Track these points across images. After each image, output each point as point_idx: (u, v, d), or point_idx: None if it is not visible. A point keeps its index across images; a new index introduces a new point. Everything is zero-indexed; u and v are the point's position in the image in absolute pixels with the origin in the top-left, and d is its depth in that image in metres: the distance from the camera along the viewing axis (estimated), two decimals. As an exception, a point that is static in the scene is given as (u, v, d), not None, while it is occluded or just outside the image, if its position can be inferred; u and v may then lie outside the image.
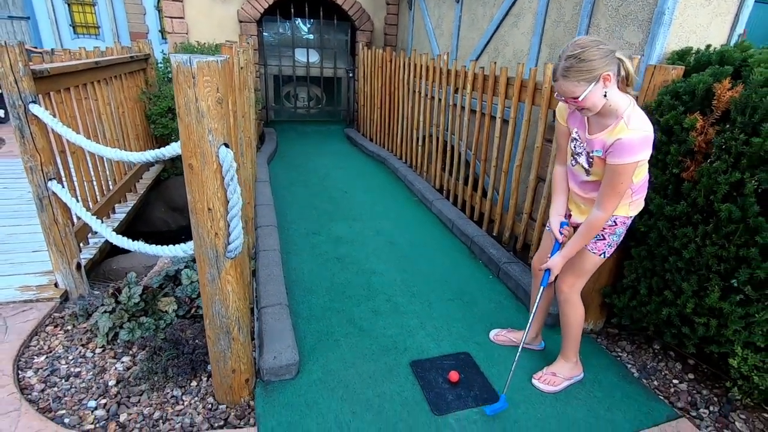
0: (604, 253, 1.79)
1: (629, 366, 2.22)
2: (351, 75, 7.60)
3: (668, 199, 1.89)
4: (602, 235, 1.76)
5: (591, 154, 1.62)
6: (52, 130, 2.19)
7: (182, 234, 4.40)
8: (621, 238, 1.79)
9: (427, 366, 2.11)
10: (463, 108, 3.87)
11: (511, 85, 3.11)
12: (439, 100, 4.28)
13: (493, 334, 2.33)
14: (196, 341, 2.11)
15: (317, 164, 5.47)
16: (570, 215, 1.87)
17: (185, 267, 2.53)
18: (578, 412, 1.89)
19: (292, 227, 3.58)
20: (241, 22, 6.40)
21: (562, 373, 2.01)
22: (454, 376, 2.00)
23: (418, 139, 4.87)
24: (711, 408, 1.99)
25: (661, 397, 2.03)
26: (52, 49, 10.77)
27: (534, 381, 2.03)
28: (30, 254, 2.75)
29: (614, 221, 1.73)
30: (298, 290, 2.68)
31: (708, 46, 2.08)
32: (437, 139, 4.41)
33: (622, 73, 1.51)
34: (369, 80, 6.33)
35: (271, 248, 2.97)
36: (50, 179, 2.26)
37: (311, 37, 7.46)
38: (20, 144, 2.16)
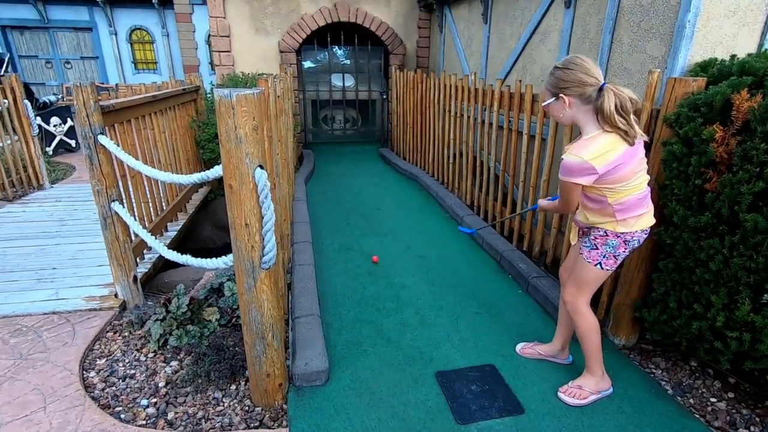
0: (600, 264, 1.80)
1: (663, 383, 2.16)
2: (385, 97, 7.85)
3: (692, 211, 1.87)
4: (594, 244, 1.80)
5: None
6: (116, 157, 2.49)
7: (226, 250, 4.69)
8: (619, 252, 1.78)
9: (453, 377, 2.16)
10: (491, 125, 3.94)
11: (536, 101, 3.16)
12: (469, 117, 4.38)
13: (519, 347, 2.35)
14: (236, 348, 2.28)
15: (352, 183, 5.68)
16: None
17: (228, 280, 2.74)
18: (605, 427, 1.87)
19: (326, 242, 3.75)
20: (281, 52, 6.83)
21: (588, 387, 2.00)
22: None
23: (449, 156, 4.97)
24: (752, 428, 1.90)
25: (697, 416, 1.96)
26: (116, 85, 11.90)
27: (560, 394, 2.02)
28: (95, 268, 3.07)
29: (605, 232, 1.76)
30: (330, 302, 2.82)
31: (732, 57, 2.07)
32: (467, 155, 4.49)
33: (608, 104, 1.55)
34: (402, 101, 6.53)
35: (306, 263, 3.14)
36: (113, 201, 2.55)
37: (347, 62, 7.81)
38: (89, 170, 2.47)
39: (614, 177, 1.62)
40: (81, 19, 11.99)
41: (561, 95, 1.63)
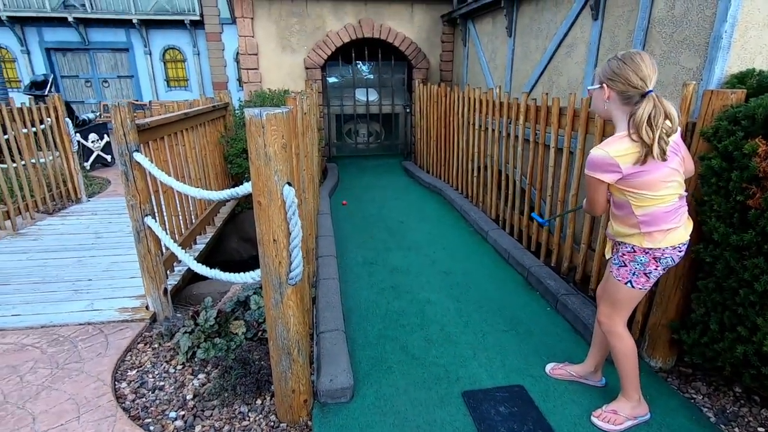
0: (631, 282, 1.73)
1: (705, 409, 2.05)
2: (408, 110, 7.90)
3: (734, 228, 1.79)
4: (623, 261, 1.74)
5: None
6: (150, 173, 2.58)
7: (252, 263, 4.77)
8: (650, 270, 1.71)
9: (480, 397, 2.11)
10: (517, 138, 3.90)
11: (563, 115, 3.11)
12: (493, 131, 4.35)
13: (549, 367, 2.27)
14: (262, 362, 2.30)
15: (375, 196, 5.70)
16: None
17: (254, 293, 2.77)
18: (643, 455, 1.78)
19: (350, 256, 3.76)
20: (307, 68, 6.99)
21: (623, 412, 1.91)
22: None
23: (473, 169, 4.93)
24: (805, 461, 1.77)
25: (743, 446, 1.85)
26: (149, 102, 12.42)
27: (593, 419, 1.94)
28: (128, 280, 3.16)
29: (632, 248, 1.71)
30: (354, 317, 2.81)
31: (773, 67, 1.99)
32: (492, 169, 4.44)
33: (642, 111, 1.51)
34: (425, 115, 6.55)
35: (330, 277, 3.15)
36: (146, 215, 2.64)
37: (371, 77, 7.92)
38: (125, 185, 2.56)
39: (638, 181, 1.57)
40: (119, 40, 12.64)
41: (605, 85, 1.61)
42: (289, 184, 1.64)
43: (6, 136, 4.25)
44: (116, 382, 2.23)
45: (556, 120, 3.18)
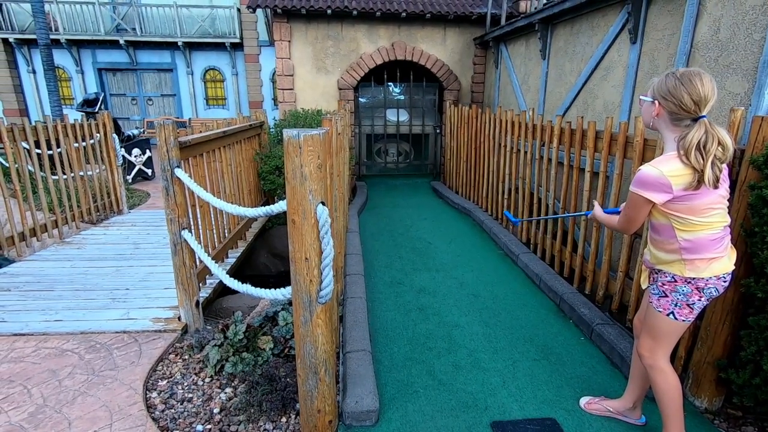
0: (673, 314, 1.64)
1: (757, 457, 1.89)
2: (438, 131, 7.94)
3: (789, 262, 1.68)
4: (663, 291, 1.65)
5: None
6: (188, 188, 2.68)
7: (280, 278, 4.84)
8: (693, 301, 1.62)
9: (510, 429, 2.02)
10: (550, 161, 3.84)
11: (600, 138, 3.05)
12: (526, 153, 4.30)
13: (584, 402, 2.17)
14: (288, 379, 2.30)
15: (404, 215, 5.70)
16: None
17: (282, 309, 2.80)
18: (688, 504, 1.65)
19: (377, 276, 3.75)
20: (340, 89, 7.17)
21: (666, 455, 1.79)
22: None
23: (503, 191, 4.87)
24: None
25: (803, 501, 1.69)
26: (189, 119, 13.01)
27: (633, 460, 1.83)
28: (162, 291, 3.26)
29: (673, 277, 1.62)
30: (380, 338, 2.78)
31: (830, 94, 1.89)
32: (523, 191, 4.37)
33: (692, 137, 1.45)
34: (455, 136, 6.56)
35: (358, 296, 3.14)
36: (183, 229, 2.73)
37: (402, 98, 8.04)
38: (165, 199, 2.67)
39: (686, 206, 1.51)
40: (164, 61, 13.39)
41: (657, 102, 1.54)
42: (323, 203, 1.66)
43: (59, 150, 4.54)
44: (147, 392, 2.28)
45: (591, 144, 3.12)
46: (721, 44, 2.48)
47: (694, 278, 1.59)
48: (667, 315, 1.66)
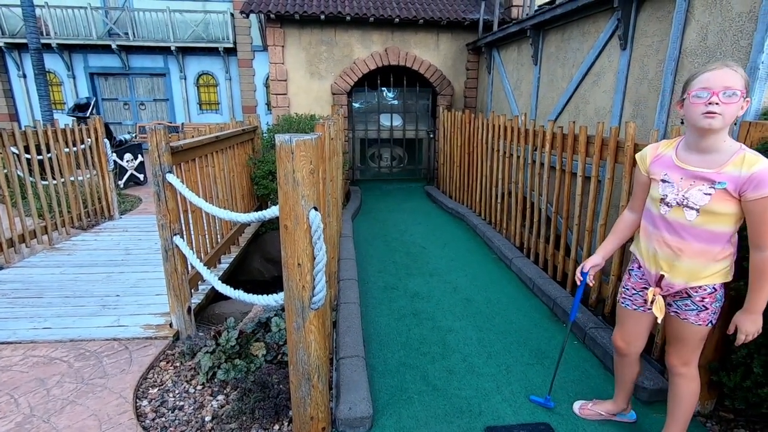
0: (711, 322, 1.64)
1: (749, 460, 1.90)
2: (431, 136, 7.97)
3: (778, 265, 1.69)
4: (704, 305, 1.61)
5: (712, 187, 1.46)
6: (180, 193, 2.66)
7: (274, 283, 4.81)
8: (721, 303, 1.64)
9: (504, 434, 2.02)
10: (542, 165, 3.86)
11: (591, 143, 3.07)
12: (518, 157, 4.32)
13: (577, 407, 2.17)
14: (281, 386, 2.27)
15: (397, 220, 5.70)
16: (661, 276, 1.64)
17: (275, 315, 2.78)
18: (681, 508, 1.65)
19: (371, 281, 3.74)
20: (333, 94, 7.18)
21: (661, 459, 1.79)
22: None
23: (497, 196, 4.89)
24: None
25: (795, 504, 1.69)
26: (182, 124, 12.94)
27: (626, 464, 1.83)
28: (153, 297, 3.23)
29: (714, 287, 1.59)
30: (374, 344, 2.77)
31: (815, 99, 1.92)
32: (516, 195, 4.39)
33: None
34: (449, 140, 6.59)
35: (351, 301, 3.13)
36: (175, 234, 2.70)
37: (395, 103, 8.07)
38: (156, 205, 2.65)
39: None
40: (156, 66, 13.34)
41: (748, 99, 1.42)
42: (316, 208, 1.66)
43: (49, 155, 4.49)
44: (138, 400, 2.24)
45: (583, 148, 3.14)
46: (709, 50, 2.52)
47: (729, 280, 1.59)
48: (707, 325, 1.63)
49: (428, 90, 7.86)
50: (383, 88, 7.96)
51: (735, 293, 1.89)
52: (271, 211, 1.79)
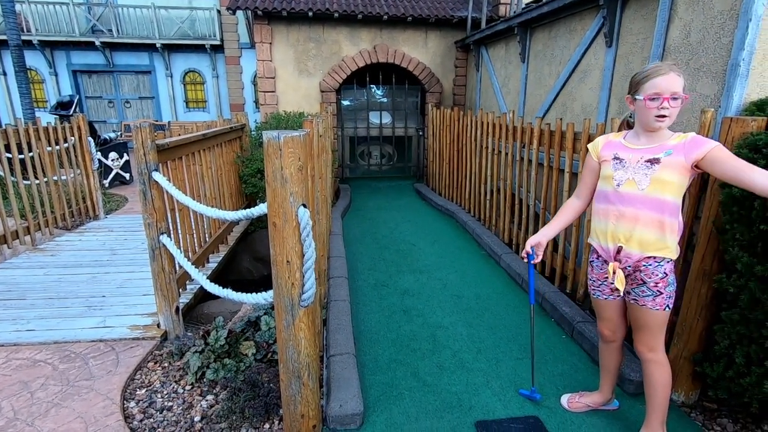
0: (668, 306, 1.70)
1: (732, 448, 1.95)
2: (421, 133, 7.98)
3: (758, 258, 1.73)
4: (658, 290, 1.67)
5: (655, 159, 1.60)
6: (167, 192, 2.63)
7: (263, 282, 4.78)
8: (674, 288, 1.71)
9: (494, 428, 2.04)
10: (530, 162, 3.89)
11: (578, 140, 3.10)
12: (506, 154, 4.35)
13: (565, 400, 2.20)
14: (271, 385, 2.26)
15: (387, 218, 5.70)
16: (619, 249, 1.69)
17: (265, 314, 2.76)
18: (667, 496, 1.69)
19: (361, 278, 3.74)
20: (322, 92, 7.14)
21: (646, 449, 1.82)
22: None
23: (486, 192, 4.92)
24: None
25: (775, 490, 1.74)
26: (168, 122, 12.77)
27: (613, 455, 1.86)
28: (140, 297, 3.18)
29: (664, 272, 1.65)
30: (364, 341, 2.77)
31: (794, 95, 1.96)
32: (505, 192, 4.42)
33: None
34: (438, 138, 6.61)
35: (342, 299, 3.12)
36: (162, 233, 2.67)
37: (384, 100, 8.06)
38: (142, 204, 2.61)
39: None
40: (142, 63, 13.13)
41: (686, 95, 1.60)
42: (304, 205, 1.65)
43: (31, 154, 4.39)
44: (125, 401, 2.21)
45: (570, 145, 3.18)
46: (691, 48, 2.56)
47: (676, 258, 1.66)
48: (664, 309, 1.70)
49: (417, 87, 7.86)
50: (372, 86, 7.94)
51: (718, 286, 1.93)
52: (260, 209, 1.78)
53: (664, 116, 1.55)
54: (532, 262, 1.97)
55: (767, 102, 2.02)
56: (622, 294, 1.78)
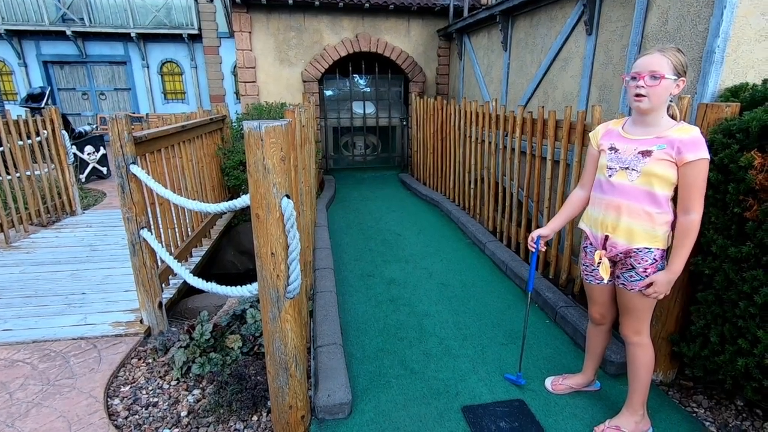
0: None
1: (707, 423, 2.03)
2: (405, 123, 7.96)
3: (732, 240, 1.79)
4: (647, 275, 1.69)
5: (647, 151, 1.59)
6: (146, 185, 2.57)
7: (248, 275, 4.73)
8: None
9: (480, 412, 2.07)
10: (513, 150, 3.92)
11: (560, 128, 3.14)
12: (490, 143, 4.37)
13: (549, 383, 2.25)
14: (258, 377, 2.25)
15: (372, 208, 5.69)
16: (606, 238, 1.73)
17: (250, 307, 2.74)
18: (646, 471, 1.75)
19: (347, 269, 3.74)
20: (304, 81, 7.04)
21: (627, 427, 1.88)
22: None
23: (470, 181, 4.95)
24: (810, 477, 1.75)
25: (747, 461, 1.82)
26: (146, 114, 12.44)
27: (595, 434, 1.91)
28: (122, 293, 3.12)
29: (654, 258, 1.67)
30: (352, 331, 2.78)
31: (765, 81, 2.01)
32: (489, 181, 4.46)
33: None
34: (422, 127, 6.60)
35: (328, 290, 3.12)
36: (142, 228, 2.61)
37: (368, 90, 7.99)
38: (120, 198, 2.54)
39: None
40: (116, 53, 12.71)
41: (683, 78, 1.56)
42: (288, 196, 1.63)
43: (1, 149, 4.23)
44: (109, 399, 2.18)
45: (552, 133, 3.21)
46: (669, 35, 2.60)
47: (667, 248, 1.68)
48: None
49: (400, 77, 7.82)
50: (355, 76, 7.86)
51: (694, 268, 1.99)
52: (242, 201, 1.76)
53: (641, 95, 1.55)
54: (537, 251, 2.00)
55: (741, 88, 2.07)
56: (606, 281, 1.80)
